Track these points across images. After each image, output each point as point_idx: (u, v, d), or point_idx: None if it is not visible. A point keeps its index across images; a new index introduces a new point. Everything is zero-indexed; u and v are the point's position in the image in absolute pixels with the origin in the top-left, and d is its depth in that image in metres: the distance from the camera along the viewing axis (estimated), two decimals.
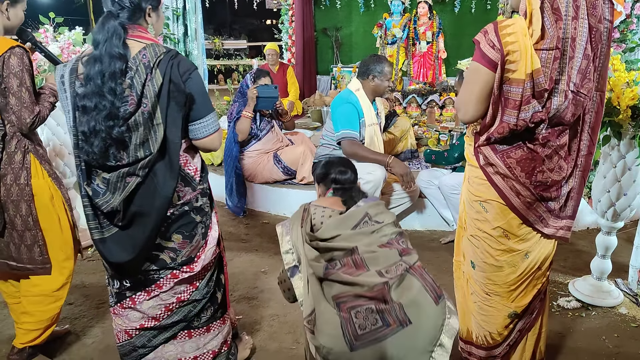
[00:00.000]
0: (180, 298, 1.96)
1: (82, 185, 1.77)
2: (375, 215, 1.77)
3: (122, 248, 1.80)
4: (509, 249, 1.87)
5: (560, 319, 2.76)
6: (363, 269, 1.63)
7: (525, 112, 1.71)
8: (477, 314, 2.00)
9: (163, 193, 1.77)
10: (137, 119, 1.68)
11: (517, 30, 1.66)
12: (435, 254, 3.54)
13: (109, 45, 1.66)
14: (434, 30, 6.61)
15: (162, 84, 1.68)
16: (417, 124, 5.63)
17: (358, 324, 1.54)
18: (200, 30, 5.00)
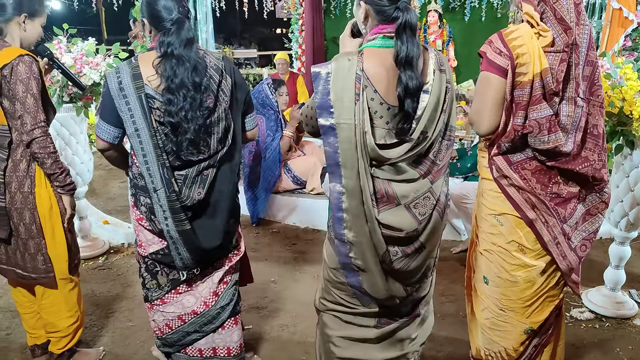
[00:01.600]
0: (225, 281, 2.13)
1: (170, 181, 1.85)
2: None
3: (210, 235, 1.97)
4: (524, 264, 1.83)
5: (574, 331, 2.73)
6: (393, 202, 1.62)
7: (535, 112, 1.69)
8: (490, 330, 1.96)
9: (232, 179, 2.00)
10: (220, 115, 1.89)
11: (522, 34, 1.67)
12: (446, 264, 3.52)
13: (191, 48, 1.82)
14: (444, 39, 6.60)
15: (232, 84, 1.94)
16: None
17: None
18: (211, 40, 5.05)
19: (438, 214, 1.67)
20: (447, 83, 1.61)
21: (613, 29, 4.12)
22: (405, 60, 1.51)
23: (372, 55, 1.57)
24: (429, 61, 1.58)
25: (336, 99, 1.55)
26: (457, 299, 3.07)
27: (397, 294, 1.74)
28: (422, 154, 1.61)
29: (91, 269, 3.54)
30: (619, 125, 2.46)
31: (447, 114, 1.62)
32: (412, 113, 1.55)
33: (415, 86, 1.52)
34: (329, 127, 1.57)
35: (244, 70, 13.14)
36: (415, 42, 1.51)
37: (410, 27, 1.51)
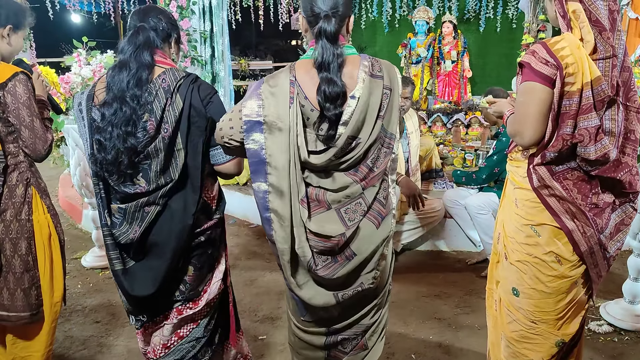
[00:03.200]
0: (180, 334, 1.85)
1: (102, 214, 1.71)
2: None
3: (144, 281, 1.73)
4: (560, 275, 1.80)
5: (592, 344, 2.69)
6: (324, 206, 1.59)
7: (586, 122, 1.67)
8: (518, 342, 1.92)
9: (184, 221, 1.70)
10: (157, 144, 1.64)
11: (569, 44, 1.65)
12: (461, 275, 3.50)
13: (139, 54, 1.66)
14: (459, 50, 6.60)
15: (183, 108, 1.66)
16: (442, 143, 5.59)
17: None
18: (227, 52, 5.10)
19: (370, 221, 1.60)
20: (387, 89, 1.58)
21: (630, 39, 4.09)
22: (320, 65, 1.51)
23: (302, 65, 1.60)
24: (358, 69, 1.57)
25: (267, 94, 1.55)
26: (472, 311, 3.05)
27: (326, 302, 1.63)
28: (359, 160, 1.57)
29: (107, 278, 3.57)
30: None
31: (386, 120, 1.59)
32: (334, 118, 1.52)
33: (333, 91, 1.49)
34: (256, 122, 1.53)
35: None
36: (332, 48, 1.51)
37: (324, 33, 1.51)
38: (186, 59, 4.80)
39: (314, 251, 1.59)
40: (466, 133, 6.04)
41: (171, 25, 1.81)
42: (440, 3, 7.16)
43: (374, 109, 1.56)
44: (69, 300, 3.15)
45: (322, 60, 1.51)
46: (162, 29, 1.77)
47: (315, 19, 1.56)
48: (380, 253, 1.63)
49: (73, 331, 2.85)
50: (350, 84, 1.54)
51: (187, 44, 4.79)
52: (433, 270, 3.67)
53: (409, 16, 7.09)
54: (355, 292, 1.64)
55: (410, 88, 3.67)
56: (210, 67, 4.98)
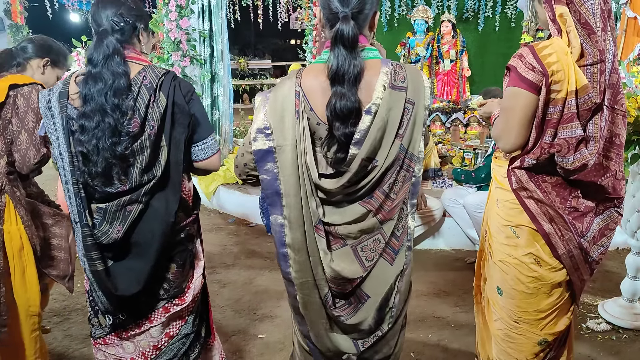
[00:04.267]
0: (170, 333, 1.84)
1: (83, 214, 1.66)
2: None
3: (128, 280, 1.70)
4: (540, 277, 1.79)
5: (590, 342, 2.69)
6: (340, 242, 1.43)
7: (565, 131, 1.65)
8: (503, 341, 1.93)
9: (166, 218, 1.69)
10: (143, 142, 1.63)
11: (556, 50, 1.62)
12: (460, 274, 3.50)
13: (111, 63, 1.61)
14: (458, 49, 6.60)
15: (167, 105, 1.65)
16: (441, 142, 5.60)
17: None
18: (226, 51, 5.10)
19: (384, 259, 1.46)
20: (408, 103, 1.37)
21: (628, 38, 4.10)
22: (334, 75, 1.32)
23: (311, 70, 1.41)
24: (378, 76, 1.36)
25: (275, 119, 1.38)
26: (471, 309, 3.03)
27: (345, 349, 1.52)
28: (374, 186, 1.39)
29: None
30: (634, 134, 2.45)
31: (406, 139, 1.39)
32: (344, 139, 1.34)
33: (346, 107, 1.31)
34: (267, 150, 1.39)
35: (258, 80, 13.24)
36: (350, 55, 1.31)
37: (342, 38, 1.31)
38: (185, 58, 4.80)
39: (331, 288, 1.46)
40: (465, 132, 6.05)
41: (135, 17, 1.72)
42: (439, 2, 7.16)
43: (392, 127, 1.36)
44: (68, 299, 3.16)
45: (337, 71, 1.31)
46: (126, 26, 1.69)
47: (333, 17, 1.36)
48: (396, 289, 1.49)
49: (72, 330, 2.86)
50: (366, 97, 1.34)
51: (186, 43, 4.79)
52: (432, 269, 3.68)
53: (408, 15, 7.09)
54: (376, 339, 1.52)
55: None
56: (209, 66, 4.98)
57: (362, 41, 1.38)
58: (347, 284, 1.44)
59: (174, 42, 4.75)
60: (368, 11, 1.38)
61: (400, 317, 1.57)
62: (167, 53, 4.84)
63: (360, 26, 1.37)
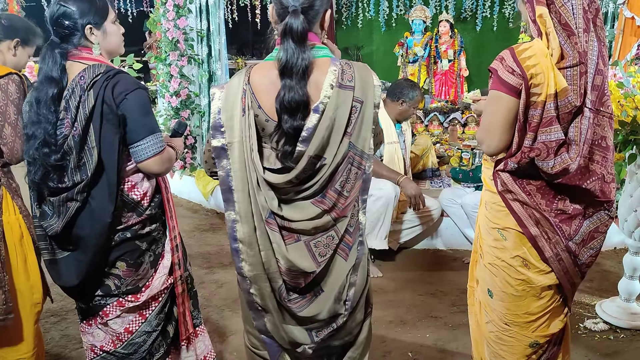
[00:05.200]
0: (129, 329, 1.86)
1: (32, 206, 1.76)
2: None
3: (69, 272, 1.76)
4: (528, 279, 1.78)
5: (587, 342, 2.70)
6: (293, 237, 1.45)
7: (545, 135, 1.64)
8: (495, 343, 1.92)
9: (100, 218, 1.70)
10: (69, 142, 1.64)
11: (536, 52, 1.60)
12: (458, 274, 3.50)
13: (45, 71, 1.65)
14: (456, 49, 6.61)
15: (95, 105, 1.63)
16: (439, 142, 5.60)
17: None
18: (224, 51, 5.09)
19: (340, 255, 1.48)
20: (356, 102, 1.38)
21: (625, 38, 4.10)
22: (283, 68, 1.34)
23: (261, 67, 1.44)
24: (326, 75, 1.37)
25: (226, 117, 1.41)
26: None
27: (300, 340, 1.54)
28: (325, 184, 1.41)
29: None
30: (631, 134, 2.45)
31: (355, 137, 1.40)
32: (292, 132, 1.36)
33: (293, 99, 1.33)
34: (221, 148, 1.42)
35: None
36: (299, 49, 1.33)
37: (291, 31, 1.33)
38: (183, 57, 4.79)
39: (285, 281, 1.48)
40: (463, 132, 6.05)
41: (77, 18, 1.69)
42: (437, 2, 7.18)
43: (340, 125, 1.38)
44: (65, 299, 3.14)
45: (286, 64, 1.33)
46: (67, 30, 1.69)
47: (283, 12, 1.37)
48: (349, 283, 1.51)
49: (69, 330, 2.85)
50: (314, 94, 1.37)
51: (183, 42, 4.78)
52: (429, 268, 3.68)
53: (406, 15, 7.10)
54: (332, 330, 1.54)
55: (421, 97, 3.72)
56: (207, 66, 4.97)
57: (312, 39, 1.40)
58: (302, 278, 1.46)
59: (171, 41, 4.74)
60: (319, 7, 1.40)
61: (357, 308, 1.57)
62: (165, 53, 4.83)
63: (310, 22, 1.39)
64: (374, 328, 2.80)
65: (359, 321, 1.61)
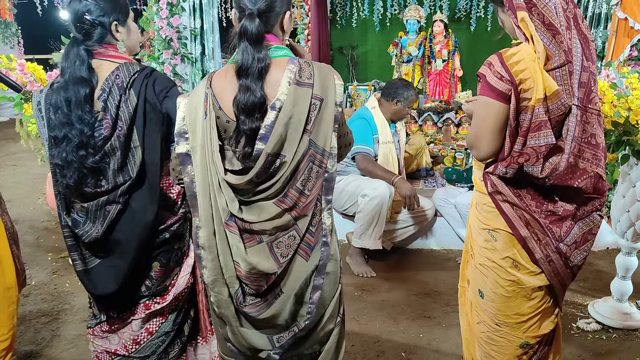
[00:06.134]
0: (149, 330, 1.86)
1: (61, 215, 1.70)
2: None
3: (106, 279, 1.73)
4: (518, 281, 1.77)
5: (580, 342, 2.70)
6: (254, 239, 1.43)
7: (534, 140, 1.62)
8: (486, 343, 1.92)
9: (144, 219, 1.69)
10: (113, 143, 1.63)
11: (524, 57, 1.59)
12: (451, 274, 3.50)
13: (72, 71, 1.61)
14: (450, 49, 6.61)
15: (137, 104, 1.64)
16: (433, 141, 5.60)
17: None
18: (218, 50, 5.07)
19: (300, 255, 1.46)
20: (315, 99, 1.38)
21: (619, 39, 4.12)
22: (239, 70, 1.35)
23: (223, 71, 1.44)
24: (283, 73, 1.37)
25: (190, 122, 1.41)
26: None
27: (260, 346, 1.51)
28: (285, 183, 1.40)
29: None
30: (624, 135, 2.45)
31: (315, 134, 1.39)
32: (250, 133, 1.36)
33: (249, 100, 1.33)
34: (186, 154, 1.42)
35: None
36: (254, 50, 1.35)
37: (245, 34, 1.35)
38: (176, 56, 4.77)
39: (243, 286, 1.47)
40: (457, 132, 6.06)
41: (103, 15, 1.68)
42: (432, 2, 7.17)
43: (299, 122, 1.37)
44: (57, 299, 3.13)
45: (241, 66, 1.35)
46: (92, 27, 1.67)
47: (242, 15, 1.39)
48: (312, 285, 1.48)
49: (61, 330, 2.83)
50: (271, 93, 1.37)
51: (177, 41, 4.76)
52: (423, 268, 3.68)
53: (400, 15, 7.09)
54: (292, 335, 1.50)
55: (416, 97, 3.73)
56: (200, 65, 4.95)
57: (271, 40, 1.42)
58: (263, 280, 1.44)
59: (164, 40, 4.72)
60: (278, 10, 1.42)
61: (326, 316, 1.53)
62: (158, 51, 4.81)
63: (269, 24, 1.41)
64: (368, 328, 2.81)
65: (329, 330, 1.56)
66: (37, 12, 8.47)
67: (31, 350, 2.64)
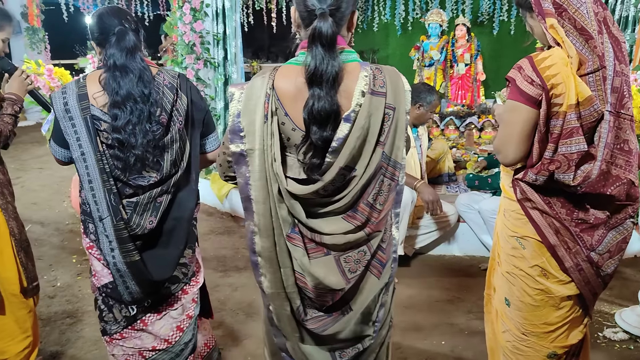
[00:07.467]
0: (189, 314, 1.98)
1: (117, 208, 1.73)
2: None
3: (159, 266, 1.83)
4: (547, 289, 1.74)
5: (607, 351, 2.65)
6: (321, 250, 1.36)
7: (565, 147, 1.59)
8: (512, 353, 1.88)
9: (189, 206, 1.88)
10: (173, 136, 1.78)
11: (556, 61, 1.56)
12: (474, 280, 3.46)
13: (133, 57, 1.72)
14: (472, 53, 6.56)
15: (187, 103, 1.83)
16: (455, 146, 5.56)
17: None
18: (240, 55, 5.10)
19: (372, 273, 1.40)
20: (389, 108, 1.30)
21: None
22: (311, 76, 1.24)
23: (286, 72, 1.33)
24: (356, 82, 1.27)
25: (247, 122, 1.31)
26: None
27: None
28: (356, 199, 1.32)
29: None
30: None
31: (388, 146, 1.32)
32: (321, 144, 1.26)
33: (323, 109, 1.23)
34: (240, 154, 1.33)
35: None
36: (328, 55, 1.23)
37: (320, 36, 1.23)
38: (199, 61, 4.81)
39: (305, 300, 1.40)
40: (479, 136, 6.01)
41: (139, 26, 1.86)
42: (454, 6, 7.14)
43: (373, 134, 1.29)
44: (81, 300, 3.17)
45: (314, 71, 1.23)
46: (138, 31, 1.82)
47: (309, 15, 1.29)
48: (380, 303, 1.44)
49: (85, 332, 2.86)
50: (345, 103, 1.27)
51: (199, 46, 4.80)
52: (445, 275, 3.64)
53: (422, 19, 7.07)
54: (356, 352, 1.46)
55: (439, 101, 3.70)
56: (222, 70, 4.99)
57: (340, 42, 1.30)
58: (329, 295, 1.37)
59: (187, 45, 4.77)
60: (345, 9, 1.30)
61: (383, 329, 1.51)
62: (181, 56, 4.86)
63: (338, 25, 1.29)
64: None
65: (383, 337, 1.52)
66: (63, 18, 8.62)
67: (56, 351, 2.68)
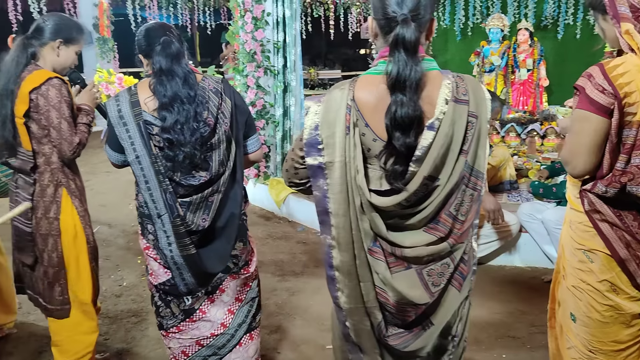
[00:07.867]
0: (239, 298, 2.11)
1: (174, 206, 1.84)
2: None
3: (216, 259, 1.96)
4: (617, 306, 1.66)
5: None
6: (402, 264, 1.33)
7: (638, 158, 1.53)
8: None
9: (238, 203, 1.99)
10: (220, 136, 1.88)
11: (630, 69, 1.50)
12: (537, 293, 3.35)
13: (179, 63, 1.83)
14: (535, 58, 6.38)
15: (232, 107, 1.93)
16: (516, 154, 5.41)
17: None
18: (299, 62, 5.16)
19: (453, 286, 1.36)
20: (472, 117, 1.29)
21: None
22: (394, 82, 1.22)
23: (366, 82, 1.32)
24: (439, 89, 1.27)
25: (327, 135, 1.30)
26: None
27: None
28: (438, 209, 1.30)
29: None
30: None
31: (471, 155, 1.30)
32: (405, 151, 1.24)
33: (407, 115, 1.21)
34: (318, 167, 1.32)
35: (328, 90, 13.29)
36: (412, 60, 1.22)
37: (403, 42, 1.21)
38: (259, 68, 4.90)
39: (386, 316, 1.38)
40: (542, 144, 5.82)
41: (182, 38, 1.95)
42: (516, 10, 6.96)
43: (456, 143, 1.27)
44: (146, 300, 3.29)
45: (397, 77, 1.22)
46: (181, 42, 1.91)
47: (388, 23, 1.27)
48: (459, 317, 1.42)
49: (149, 331, 2.97)
50: (428, 111, 1.26)
51: (260, 54, 4.89)
52: (506, 286, 3.54)
53: (483, 24, 6.94)
54: None
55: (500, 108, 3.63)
56: (282, 77, 5.06)
57: (420, 51, 1.28)
58: (411, 311, 1.35)
59: (249, 53, 4.87)
60: (424, 15, 1.27)
61: (459, 347, 1.48)
62: (242, 64, 4.97)
63: (420, 32, 1.27)
64: None
65: (461, 351, 1.50)
66: (131, 28, 9.01)
67: (122, 348, 2.79)
